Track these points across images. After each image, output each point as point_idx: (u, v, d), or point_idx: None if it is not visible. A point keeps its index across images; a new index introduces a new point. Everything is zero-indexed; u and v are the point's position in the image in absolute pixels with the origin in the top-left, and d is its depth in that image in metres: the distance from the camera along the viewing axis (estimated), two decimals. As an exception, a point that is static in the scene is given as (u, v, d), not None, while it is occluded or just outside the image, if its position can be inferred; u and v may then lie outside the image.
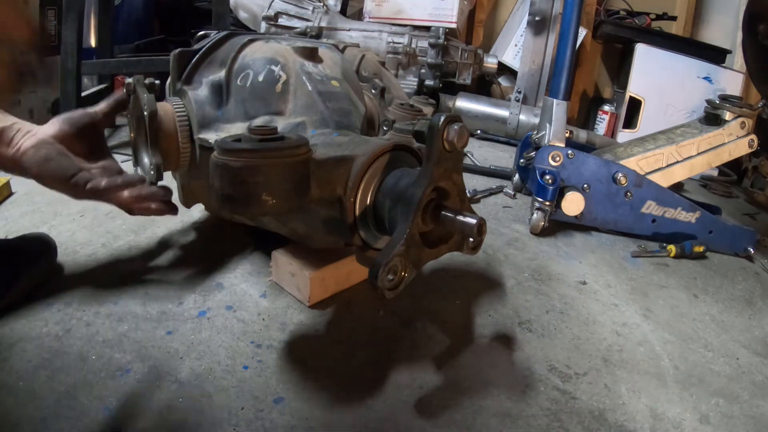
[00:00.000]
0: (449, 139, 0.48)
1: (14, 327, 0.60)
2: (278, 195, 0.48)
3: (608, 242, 1.08)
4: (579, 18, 1.09)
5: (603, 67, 2.27)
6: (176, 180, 0.78)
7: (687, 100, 1.84)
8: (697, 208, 1.08)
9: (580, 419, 0.58)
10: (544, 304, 0.80)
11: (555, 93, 1.10)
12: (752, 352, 0.77)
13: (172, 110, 0.67)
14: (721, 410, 0.64)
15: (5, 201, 0.92)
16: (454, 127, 0.47)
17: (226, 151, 0.47)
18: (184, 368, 0.58)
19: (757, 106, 1.19)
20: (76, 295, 0.67)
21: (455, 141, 0.48)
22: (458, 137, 0.48)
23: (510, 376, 0.64)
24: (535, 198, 1.05)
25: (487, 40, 2.26)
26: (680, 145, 1.14)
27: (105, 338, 0.60)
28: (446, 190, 0.51)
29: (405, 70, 1.88)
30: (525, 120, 1.78)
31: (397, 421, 0.54)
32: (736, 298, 0.94)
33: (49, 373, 0.54)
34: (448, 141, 0.48)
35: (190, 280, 0.74)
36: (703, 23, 2.19)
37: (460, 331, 0.71)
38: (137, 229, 0.85)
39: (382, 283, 0.46)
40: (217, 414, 0.52)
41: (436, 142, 0.47)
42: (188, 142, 0.67)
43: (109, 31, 1.43)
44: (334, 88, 0.68)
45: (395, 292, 0.48)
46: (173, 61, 0.70)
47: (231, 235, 0.87)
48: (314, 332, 0.67)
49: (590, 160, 1.06)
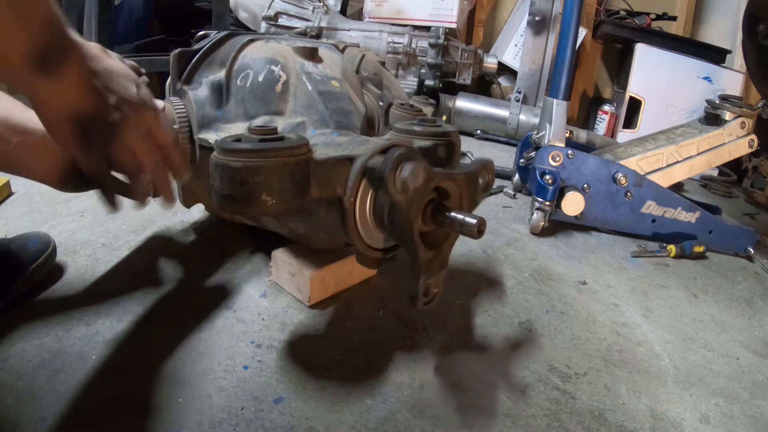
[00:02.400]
0: (402, 179, 0.46)
1: (14, 327, 0.60)
2: (278, 195, 0.48)
3: (608, 242, 1.08)
4: (579, 18, 1.09)
5: (603, 67, 2.27)
6: (176, 180, 0.77)
7: (687, 100, 1.84)
8: (697, 208, 1.08)
9: (580, 419, 0.58)
10: (544, 304, 0.80)
11: (555, 93, 1.10)
12: (752, 352, 0.77)
13: (172, 110, 0.67)
14: (721, 410, 0.64)
15: (5, 201, 0.92)
16: (407, 167, 0.46)
17: (226, 151, 0.47)
18: (184, 368, 0.58)
19: (757, 106, 1.19)
20: (76, 295, 0.67)
21: (408, 182, 0.46)
22: (412, 177, 0.46)
23: (510, 376, 0.63)
24: (535, 198, 1.05)
25: (487, 40, 2.26)
26: (680, 145, 1.14)
27: (105, 338, 0.60)
28: (446, 190, 0.51)
29: (405, 70, 1.88)
30: (525, 120, 1.78)
31: (397, 421, 0.54)
32: (736, 298, 0.94)
33: (49, 373, 0.54)
34: (400, 181, 0.46)
35: (190, 280, 0.74)
36: (703, 23, 2.19)
37: (460, 331, 0.71)
38: (137, 229, 0.85)
39: (422, 305, 0.52)
40: (217, 414, 0.52)
41: (391, 190, 0.46)
42: (188, 142, 0.67)
43: (109, 31, 1.43)
44: (334, 88, 0.68)
45: (436, 301, 0.54)
46: (173, 61, 0.70)
47: (231, 235, 0.87)
48: (314, 332, 0.67)
49: (590, 160, 1.06)
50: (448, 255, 0.54)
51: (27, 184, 0.99)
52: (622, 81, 2.01)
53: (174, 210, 0.91)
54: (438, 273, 0.53)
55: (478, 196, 0.55)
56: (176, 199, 0.64)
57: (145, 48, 1.75)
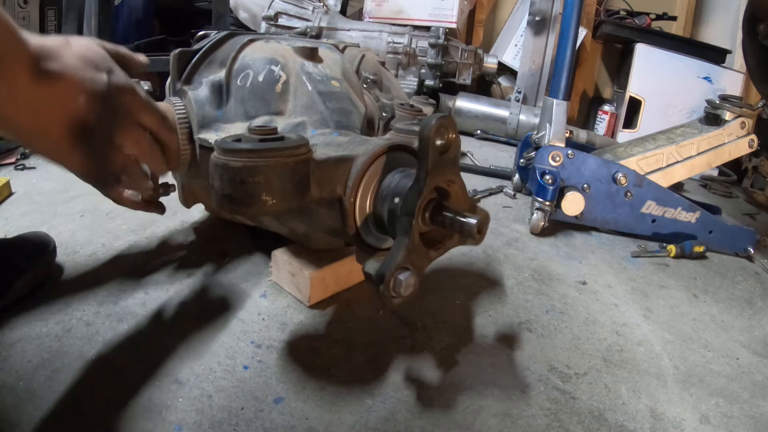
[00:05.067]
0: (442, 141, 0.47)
1: (14, 327, 0.60)
2: (278, 195, 0.48)
3: (608, 242, 1.08)
4: (579, 18, 1.09)
5: (603, 67, 2.27)
6: (176, 180, 0.78)
7: (687, 100, 1.84)
8: (697, 208, 1.08)
9: (580, 419, 0.58)
10: (544, 304, 0.80)
11: (555, 93, 1.10)
12: (752, 352, 0.77)
13: (172, 110, 0.67)
14: (721, 410, 0.64)
15: (5, 201, 0.92)
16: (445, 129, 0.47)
17: (226, 151, 0.47)
18: (184, 368, 0.58)
19: (757, 106, 1.19)
20: (76, 295, 0.67)
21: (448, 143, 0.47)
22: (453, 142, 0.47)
23: (510, 376, 0.64)
24: (535, 198, 1.05)
25: (487, 40, 2.26)
26: (680, 145, 1.14)
27: (105, 338, 0.60)
28: (446, 190, 0.51)
29: (405, 70, 1.88)
30: (525, 120, 1.78)
31: (397, 421, 0.54)
32: (736, 298, 0.94)
33: (49, 373, 0.54)
34: (440, 144, 0.47)
35: (190, 280, 0.74)
36: (703, 23, 2.19)
37: (460, 331, 0.71)
38: (137, 229, 0.85)
39: (388, 292, 0.47)
40: (217, 414, 0.52)
41: (429, 149, 0.46)
42: (188, 142, 0.67)
43: (109, 31, 1.43)
44: (334, 88, 0.68)
45: (403, 300, 0.49)
46: (173, 61, 0.70)
47: (231, 235, 0.87)
48: (314, 332, 0.67)
49: (590, 160, 1.06)
50: (431, 261, 0.51)
51: (27, 184, 1.00)
52: (622, 81, 2.01)
53: (174, 210, 0.91)
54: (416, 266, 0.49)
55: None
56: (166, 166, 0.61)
57: (145, 48, 1.74)
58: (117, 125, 0.50)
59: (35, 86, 0.42)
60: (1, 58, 0.39)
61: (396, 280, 0.47)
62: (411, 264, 0.48)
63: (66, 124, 0.45)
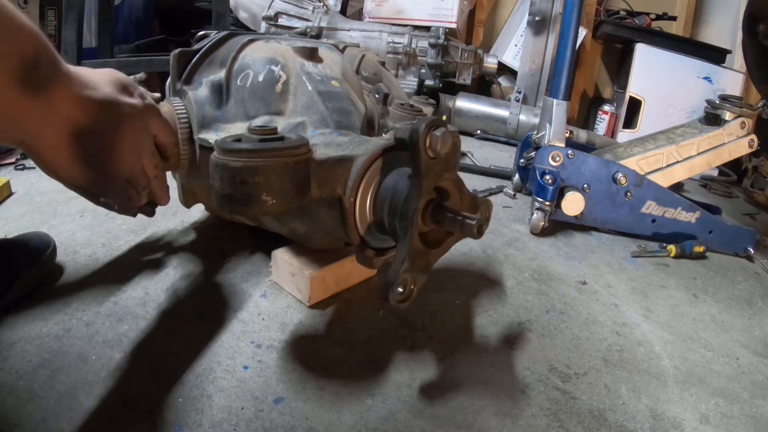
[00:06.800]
0: (432, 147, 0.46)
1: (14, 327, 0.60)
2: (278, 195, 0.48)
3: (608, 242, 1.08)
4: (579, 18, 1.09)
5: (603, 67, 2.27)
6: (176, 180, 0.78)
7: (687, 100, 1.84)
8: (697, 208, 1.08)
9: (580, 419, 0.58)
10: (544, 304, 0.80)
11: (555, 93, 1.10)
12: (752, 352, 0.77)
13: (172, 110, 0.67)
14: (721, 410, 0.64)
15: (5, 201, 0.92)
16: (436, 134, 0.46)
17: (226, 151, 0.47)
18: (184, 368, 0.58)
19: (757, 106, 1.19)
20: (76, 295, 0.67)
21: (438, 148, 0.46)
22: (441, 144, 0.46)
23: (510, 376, 0.63)
24: (535, 198, 1.05)
25: (487, 40, 2.26)
26: (680, 145, 1.14)
27: (105, 338, 0.60)
28: (446, 190, 0.51)
29: (405, 70, 1.88)
30: (525, 120, 1.78)
31: (397, 421, 0.54)
32: (736, 298, 0.94)
33: (49, 373, 0.54)
34: (431, 149, 0.46)
35: (190, 280, 0.74)
36: (703, 23, 2.19)
37: (460, 331, 0.71)
38: (137, 229, 0.85)
39: (394, 299, 0.48)
40: (217, 414, 0.52)
41: (420, 153, 0.46)
42: (188, 142, 0.67)
43: (109, 31, 1.44)
44: (334, 88, 0.68)
45: (408, 303, 0.50)
46: (173, 61, 0.70)
47: (231, 235, 0.87)
48: (314, 332, 0.67)
49: (590, 160, 1.06)
50: (434, 262, 0.52)
51: (27, 184, 1.00)
52: (622, 81, 2.01)
53: (174, 210, 0.91)
54: (419, 274, 0.50)
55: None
56: (169, 199, 0.64)
57: (145, 48, 1.75)
58: (144, 144, 0.54)
59: (78, 113, 0.45)
60: (48, 95, 0.41)
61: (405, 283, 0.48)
62: (415, 267, 0.49)
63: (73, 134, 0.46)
